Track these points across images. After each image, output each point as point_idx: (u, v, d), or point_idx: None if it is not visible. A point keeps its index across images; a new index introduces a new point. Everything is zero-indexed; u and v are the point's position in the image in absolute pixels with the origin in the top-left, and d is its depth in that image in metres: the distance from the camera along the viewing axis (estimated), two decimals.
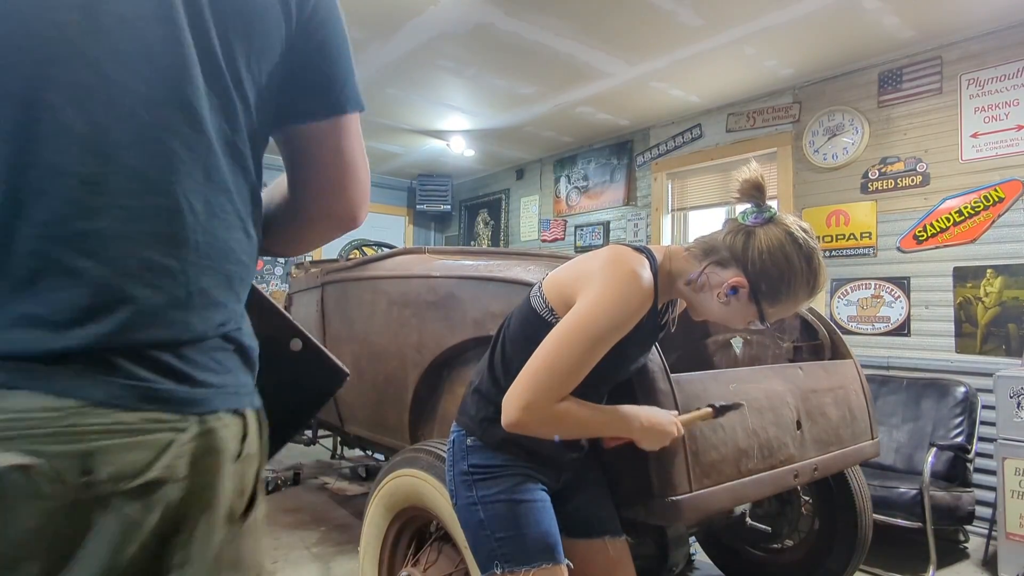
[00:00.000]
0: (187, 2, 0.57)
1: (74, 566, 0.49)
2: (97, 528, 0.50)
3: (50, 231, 0.50)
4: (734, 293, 1.14)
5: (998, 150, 3.16)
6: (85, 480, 0.49)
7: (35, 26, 0.50)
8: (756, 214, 1.14)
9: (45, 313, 0.49)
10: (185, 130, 0.56)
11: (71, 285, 0.50)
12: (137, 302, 0.52)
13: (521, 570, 1.17)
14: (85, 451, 0.49)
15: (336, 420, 2.84)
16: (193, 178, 0.56)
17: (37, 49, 0.50)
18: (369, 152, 5.07)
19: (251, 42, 0.62)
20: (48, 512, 0.48)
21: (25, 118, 0.50)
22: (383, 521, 1.71)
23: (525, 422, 1.12)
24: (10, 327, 0.49)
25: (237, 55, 0.61)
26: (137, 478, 0.51)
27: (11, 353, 0.49)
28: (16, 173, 0.49)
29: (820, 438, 1.76)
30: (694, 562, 2.60)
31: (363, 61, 3.85)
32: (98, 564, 0.49)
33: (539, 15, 3.22)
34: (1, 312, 0.49)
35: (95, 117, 0.51)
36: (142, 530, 0.51)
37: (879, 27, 3.24)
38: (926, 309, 3.37)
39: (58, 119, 0.50)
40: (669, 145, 4.82)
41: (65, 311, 0.50)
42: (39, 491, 0.47)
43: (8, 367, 0.48)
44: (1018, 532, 2.46)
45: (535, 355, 1.13)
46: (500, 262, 1.92)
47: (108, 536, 0.50)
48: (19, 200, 0.49)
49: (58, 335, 0.49)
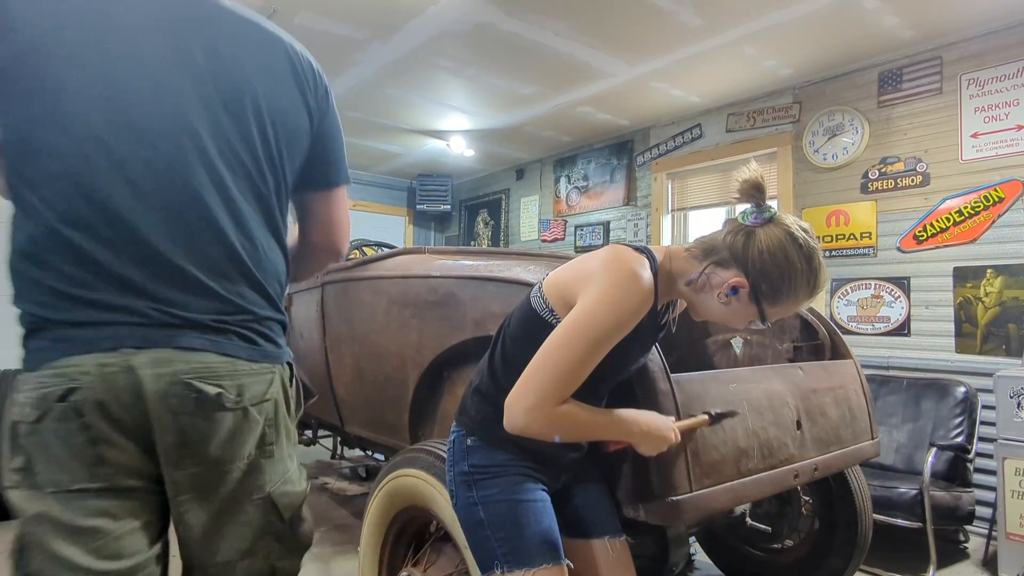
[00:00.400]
0: (263, 129, 1.02)
1: (247, 439, 0.99)
2: (248, 423, 0.99)
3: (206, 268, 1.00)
4: (734, 293, 1.15)
5: (998, 150, 3.16)
6: (239, 399, 0.97)
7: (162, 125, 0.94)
8: (756, 214, 1.14)
9: (216, 307, 0.97)
10: (257, 207, 1.04)
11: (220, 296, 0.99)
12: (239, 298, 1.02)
13: (521, 570, 1.17)
14: (239, 384, 0.98)
15: (336, 420, 2.84)
16: (259, 227, 1.03)
17: (189, 152, 0.96)
18: (369, 152, 5.11)
19: (293, 149, 1.08)
20: (230, 416, 0.97)
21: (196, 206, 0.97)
22: (383, 521, 1.71)
23: (527, 424, 1.12)
24: (199, 315, 0.96)
25: (285, 157, 1.07)
26: (260, 399, 1.01)
27: (202, 323, 0.96)
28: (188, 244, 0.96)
29: (820, 438, 1.76)
30: (694, 562, 2.60)
31: (363, 61, 3.85)
32: (252, 441, 1.00)
33: (539, 15, 3.22)
34: (194, 307, 0.95)
35: (239, 202, 1.02)
36: (261, 424, 1.01)
37: (879, 27, 3.24)
38: (926, 309, 3.37)
39: (202, 196, 0.97)
40: (669, 145, 4.82)
41: (219, 308, 0.98)
42: (223, 406, 0.96)
43: (203, 338, 0.95)
44: (1018, 532, 2.46)
45: (536, 357, 1.13)
46: (500, 262, 1.92)
47: (252, 427, 1.00)
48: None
49: (221, 318, 0.98)
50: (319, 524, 3.09)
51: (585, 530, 1.35)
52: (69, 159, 0.89)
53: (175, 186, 0.94)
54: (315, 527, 1.78)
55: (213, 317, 0.97)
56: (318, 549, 2.76)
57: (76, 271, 0.89)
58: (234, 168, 0.99)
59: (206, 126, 0.96)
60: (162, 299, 0.92)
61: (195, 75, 0.96)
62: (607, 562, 1.33)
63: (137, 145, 0.91)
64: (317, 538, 2.89)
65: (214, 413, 0.95)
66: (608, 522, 1.38)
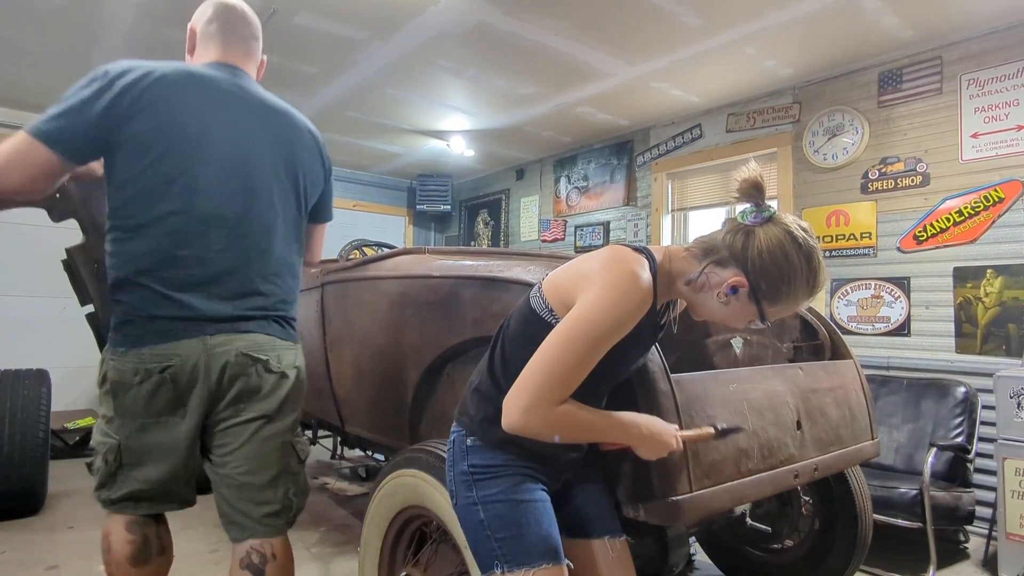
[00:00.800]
0: (302, 189, 1.62)
1: (281, 393, 1.52)
2: (284, 383, 1.53)
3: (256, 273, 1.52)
4: (734, 293, 1.15)
5: (998, 150, 3.16)
6: (277, 366, 1.51)
7: (233, 189, 1.48)
8: (755, 213, 1.14)
9: (279, 311, 1.56)
10: (294, 238, 1.63)
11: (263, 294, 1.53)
12: (277, 296, 1.57)
13: (521, 570, 1.17)
14: (277, 355, 1.51)
15: (336, 420, 2.84)
16: (295, 252, 1.62)
17: (240, 196, 1.49)
18: (369, 152, 5.13)
19: (312, 199, 1.68)
20: (272, 377, 1.50)
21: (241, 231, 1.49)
22: (383, 521, 1.71)
23: (526, 424, 1.12)
24: (249, 308, 1.49)
25: (309, 205, 1.67)
26: (290, 365, 1.56)
27: (251, 315, 1.49)
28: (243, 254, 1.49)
29: (820, 438, 1.76)
30: (694, 562, 2.60)
31: (363, 61, 3.85)
32: (284, 393, 1.53)
33: (539, 15, 3.22)
34: (246, 303, 1.49)
35: (258, 233, 1.53)
36: (291, 384, 1.55)
37: (879, 27, 3.24)
38: (926, 309, 3.37)
39: (260, 234, 1.51)
40: (669, 145, 4.82)
41: (264, 302, 1.53)
42: (269, 370, 1.49)
43: (250, 325, 1.48)
44: (1018, 532, 2.47)
45: (535, 357, 1.13)
46: (500, 262, 1.92)
47: (287, 386, 1.54)
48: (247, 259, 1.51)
49: (267, 311, 1.52)
50: (319, 524, 3.08)
51: (585, 530, 1.35)
52: (189, 202, 1.42)
53: (256, 227, 1.51)
54: (315, 527, 1.96)
55: (259, 311, 1.51)
56: (318, 549, 2.76)
57: (181, 277, 1.41)
58: (287, 215, 1.59)
59: (276, 190, 1.56)
60: (234, 300, 1.48)
61: (276, 154, 1.56)
62: (607, 562, 1.33)
63: (234, 195, 1.48)
64: (317, 538, 2.89)
65: (264, 374, 1.50)
66: (608, 522, 1.38)
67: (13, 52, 3.84)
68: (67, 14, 3.32)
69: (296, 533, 2.96)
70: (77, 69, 4.08)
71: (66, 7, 3.25)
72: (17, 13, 3.33)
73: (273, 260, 1.53)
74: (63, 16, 3.34)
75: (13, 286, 4.89)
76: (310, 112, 4.89)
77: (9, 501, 3.00)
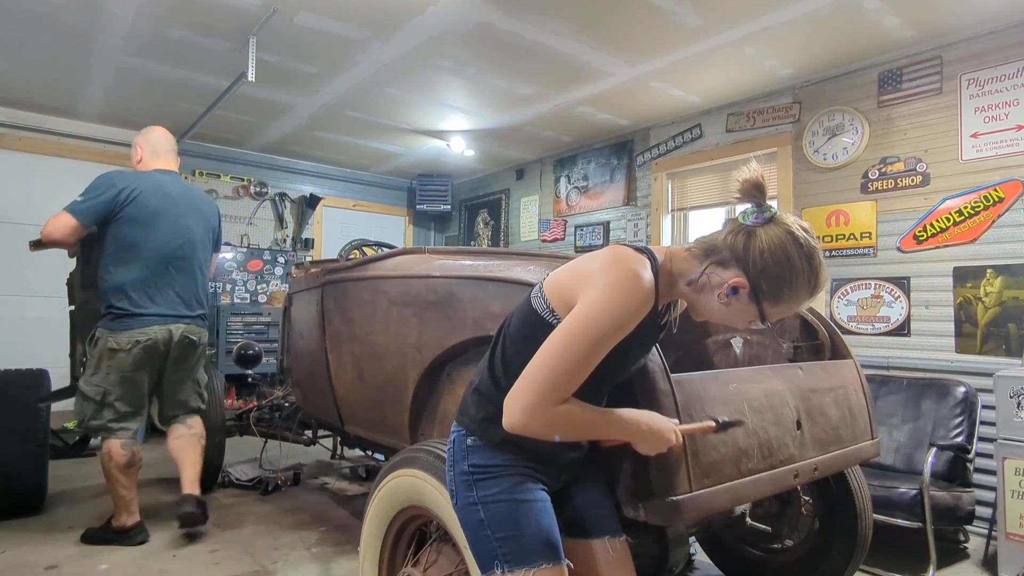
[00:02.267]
0: (214, 237, 3.10)
1: (199, 357, 3.03)
2: (200, 353, 3.01)
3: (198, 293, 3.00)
4: (735, 293, 1.14)
5: (998, 150, 3.16)
6: (201, 341, 2.98)
7: (179, 244, 2.87)
8: (757, 214, 1.14)
9: (201, 311, 2.98)
10: (206, 267, 3.06)
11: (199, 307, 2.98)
12: (200, 303, 3.00)
13: (521, 570, 1.17)
14: (198, 336, 2.95)
15: (336, 420, 2.84)
16: (202, 272, 3.01)
17: (182, 247, 2.89)
18: (369, 152, 5.18)
19: (213, 240, 3.11)
20: (198, 351, 2.98)
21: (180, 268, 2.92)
22: (383, 521, 1.71)
23: (527, 424, 1.12)
24: (187, 310, 2.90)
25: (213, 244, 3.11)
26: (204, 342, 3.02)
27: (188, 314, 2.90)
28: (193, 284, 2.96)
29: (820, 438, 1.76)
30: (694, 562, 2.60)
31: (363, 61, 3.85)
32: (198, 354, 3.01)
33: (539, 15, 3.22)
34: (185, 307, 2.90)
35: (193, 268, 2.96)
36: (201, 351, 3.02)
37: (879, 27, 3.24)
38: (926, 309, 3.38)
39: (192, 268, 2.94)
40: (669, 145, 4.82)
41: (195, 306, 2.97)
42: (200, 345, 2.98)
43: (187, 319, 2.88)
44: (1018, 532, 2.47)
45: (536, 357, 1.13)
46: (500, 262, 1.92)
47: (202, 352, 3.04)
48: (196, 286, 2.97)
49: (195, 311, 2.95)
50: (319, 524, 3.08)
51: (585, 530, 1.35)
52: (157, 251, 2.76)
53: (190, 264, 2.90)
54: (315, 527, 1.97)
55: (194, 311, 2.92)
56: (318, 549, 2.76)
57: (153, 292, 2.76)
58: (205, 255, 3.00)
59: (199, 238, 2.94)
60: (182, 305, 2.86)
61: (198, 221, 2.94)
62: (607, 562, 1.33)
63: (180, 247, 2.84)
64: (317, 538, 2.89)
65: (195, 347, 2.94)
66: (608, 522, 1.37)
67: (13, 52, 3.84)
68: (67, 14, 3.32)
69: (296, 533, 2.96)
70: (77, 69, 4.09)
71: (66, 7, 3.25)
72: (17, 13, 3.33)
73: (199, 283, 2.95)
74: (63, 16, 3.34)
75: (13, 286, 4.90)
76: (310, 112, 4.90)
77: (9, 501, 3.00)
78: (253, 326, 5.43)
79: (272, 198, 6.27)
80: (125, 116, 5.07)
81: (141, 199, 2.72)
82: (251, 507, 3.35)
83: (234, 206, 6.02)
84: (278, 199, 6.29)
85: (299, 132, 5.44)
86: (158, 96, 4.57)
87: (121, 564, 2.55)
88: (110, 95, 4.59)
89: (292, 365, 3.41)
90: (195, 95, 4.47)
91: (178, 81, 4.26)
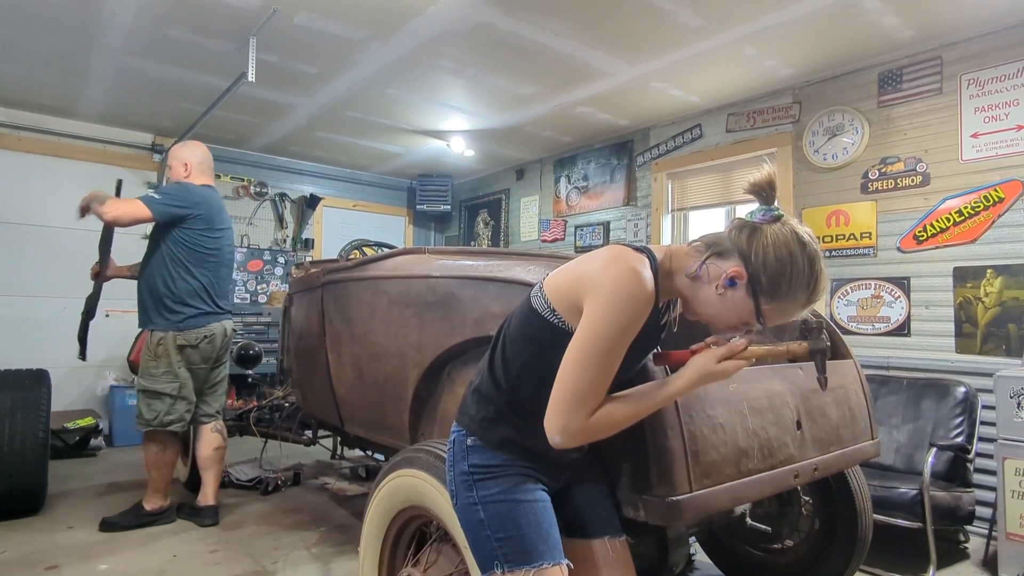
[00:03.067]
0: (233, 236, 3.37)
1: (228, 344, 3.28)
2: (230, 341, 3.30)
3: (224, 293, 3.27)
4: (732, 284, 1.13)
5: (998, 150, 3.16)
6: (233, 334, 3.32)
7: (231, 251, 3.30)
8: (764, 212, 1.14)
9: (226, 307, 3.23)
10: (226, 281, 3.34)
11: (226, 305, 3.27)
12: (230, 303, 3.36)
13: (521, 570, 1.17)
14: (232, 328, 3.28)
15: (336, 420, 2.84)
16: (228, 281, 3.32)
17: (232, 255, 3.34)
18: (369, 152, 5.18)
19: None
20: (228, 341, 3.26)
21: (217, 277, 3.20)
22: (383, 521, 1.71)
23: (568, 441, 1.14)
24: (227, 308, 3.24)
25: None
26: (231, 335, 3.28)
27: (228, 311, 3.25)
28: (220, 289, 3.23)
29: (820, 438, 1.77)
30: (694, 562, 2.60)
31: (363, 61, 3.85)
32: (229, 343, 3.30)
33: (539, 15, 3.22)
34: (227, 305, 3.24)
35: (230, 272, 3.36)
36: (230, 341, 3.31)
37: (879, 27, 3.24)
38: (926, 309, 3.37)
39: (232, 271, 3.34)
40: (669, 145, 4.82)
41: (229, 306, 3.30)
42: (229, 335, 3.25)
43: (227, 316, 3.22)
44: (1018, 532, 2.47)
45: (557, 380, 1.14)
46: (500, 262, 1.92)
47: (229, 342, 3.31)
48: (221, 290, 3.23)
49: (230, 309, 3.29)
50: (319, 524, 3.08)
51: (585, 530, 1.35)
52: (223, 260, 3.17)
53: (231, 269, 3.31)
54: (315, 527, 1.96)
55: (229, 309, 3.25)
56: (318, 549, 2.76)
57: (217, 294, 3.14)
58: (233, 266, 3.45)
59: (232, 248, 3.33)
60: (226, 303, 3.21)
61: (231, 229, 3.30)
62: (607, 562, 1.33)
63: (231, 254, 3.28)
64: (317, 538, 2.89)
65: (231, 341, 3.31)
66: (608, 522, 1.38)
67: (12, 52, 3.84)
68: (67, 14, 3.32)
69: (296, 533, 2.96)
70: (77, 69, 4.08)
71: (66, 7, 3.25)
72: (17, 13, 3.33)
73: (229, 285, 3.31)
74: (63, 16, 3.34)
75: (13, 286, 4.89)
76: (310, 112, 4.89)
77: (9, 501, 3.00)
78: (253, 326, 5.43)
79: (272, 198, 6.27)
80: (125, 116, 5.07)
81: (213, 215, 3.07)
82: (251, 507, 3.35)
83: (234, 206, 6.01)
84: (278, 199, 6.29)
85: (299, 132, 5.44)
86: (158, 96, 4.56)
87: (121, 564, 2.56)
88: (110, 95, 4.58)
89: (292, 365, 3.41)
90: (195, 95, 4.47)
91: (178, 81, 4.25)
